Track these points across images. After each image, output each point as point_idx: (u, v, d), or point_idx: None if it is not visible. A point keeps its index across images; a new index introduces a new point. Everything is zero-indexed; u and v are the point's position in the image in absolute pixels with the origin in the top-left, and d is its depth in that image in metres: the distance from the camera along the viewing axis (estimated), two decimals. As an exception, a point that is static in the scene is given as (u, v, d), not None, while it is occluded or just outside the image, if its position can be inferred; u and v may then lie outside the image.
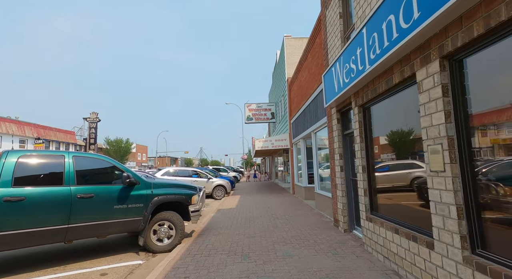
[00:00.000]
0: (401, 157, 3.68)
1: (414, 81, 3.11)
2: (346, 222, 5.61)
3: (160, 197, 4.92)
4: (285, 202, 10.59)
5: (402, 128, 3.60)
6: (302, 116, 10.83)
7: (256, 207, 9.53)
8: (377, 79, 3.91)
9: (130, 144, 49.69)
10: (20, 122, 29.89)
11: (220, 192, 13.53)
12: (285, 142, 14.03)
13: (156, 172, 13.05)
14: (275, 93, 20.71)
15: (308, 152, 11.05)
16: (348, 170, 5.73)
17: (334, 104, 5.74)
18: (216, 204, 10.89)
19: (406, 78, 3.18)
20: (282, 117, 16.63)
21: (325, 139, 8.33)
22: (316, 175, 8.84)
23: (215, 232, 5.95)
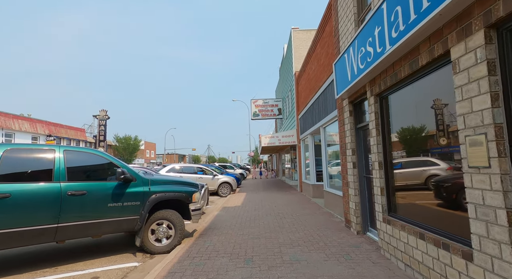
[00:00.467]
0: (425, 152, 3.20)
1: (447, 60, 2.63)
2: (359, 223, 5.16)
3: (158, 194, 4.59)
4: (292, 200, 10.17)
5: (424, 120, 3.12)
6: (310, 111, 10.34)
7: (262, 205, 9.15)
8: (398, 62, 3.43)
9: (138, 141, 50.06)
10: (32, 119, 30.31)
11: (225, 189, 13.22)
12: (292, 138, 13.57)
13: (161, 169, 12.82)
14: (282, 88, 20.21)
15: (316, 149, 10.57)
16: (361, 166, 5.27)
17: (346, 95, 5.27)
18: (221, 202, 10.57)
19: (436, 58, 2.70)
20: (290, 113, 16.15)
21: (334, 135, 7.85)
22: (325, 172, 8.38)
23: (218, 232, 5.59)
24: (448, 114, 2.78)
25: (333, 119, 7.31)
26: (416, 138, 3.38)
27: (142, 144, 53.92)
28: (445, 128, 2.83)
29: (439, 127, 2.93)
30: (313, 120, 9.79)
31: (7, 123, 26.30)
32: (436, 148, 3.02)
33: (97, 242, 5.34)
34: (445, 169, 2.89)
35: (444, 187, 2.92)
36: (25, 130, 28.41)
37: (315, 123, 9.49)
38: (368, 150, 5.15)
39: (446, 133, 2.82)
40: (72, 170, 3.98)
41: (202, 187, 5.93)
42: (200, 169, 13.50)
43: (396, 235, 3.61)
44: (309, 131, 10.48)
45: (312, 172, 10.52)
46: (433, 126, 3.02)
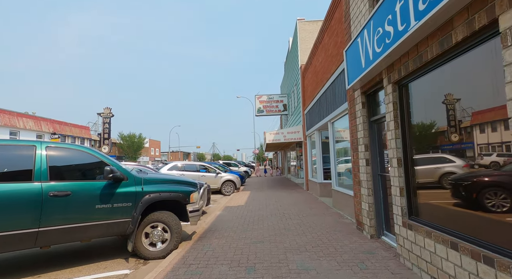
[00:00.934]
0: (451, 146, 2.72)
1: (493, 32, 2.14)
2: (373, 226, 4.69)
3: (152, 194, 4.19)
4: (298, 199, 9.72)
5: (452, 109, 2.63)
6: (317, 105, 9.84)
7: (267, 204, 8.73)
8: (424, 42, 2.94)
9: (143, 139, 50.07)
10: (37, 117, 30.40)
11: (229, 187, 12.83)
12: (298, 134, 13.08)
13: (162, 167, 12.49)
14: (287, 83, 19.67)
15: (323, 145, 10.08)
16: (375, 163, 4.78)
17: (359, 84, 4.78)
18: (224, 201, 10.18)
19: (477, 31, 2.21)
20: (295, 109, 15.64)
21: (343, 131, 7.36)
22: (334, 170, 7.90)
23: (219, 235, 5.19)
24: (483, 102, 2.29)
25: (343, 113, 6.82)
26: (442, 131, 2.89)
27: (147, 141, 53.92)
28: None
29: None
30: (321, 115, 9.29)
31: (11, 122, 26.37)
32: (467, 143, 2.53)
33: (87, 246, 4.98)
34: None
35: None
36: (30, 129, 28.48)
37: (322, 118, 8.99)
38: (383, 145, 4.67)
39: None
40: (55, 169, 3.60)
41: (202, 186, 5.53)
42: (203, 166, 13.13)
43: (420, 242, 3.14)
44: (316, 127, 9.98)
45: (319, 169, 10.04)
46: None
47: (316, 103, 10.05)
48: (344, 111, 6.67)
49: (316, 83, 9.82)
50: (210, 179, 12.64)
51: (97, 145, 42.00)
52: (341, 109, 6.70)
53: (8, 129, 26.16)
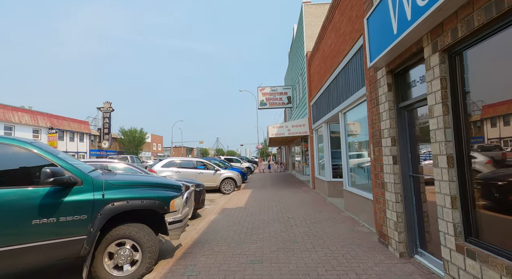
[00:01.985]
0: None
1: None
2: (402, 242, 3.68)
3: (117, 203, 3.22)
4: (304, 199, 8.72)
5: None
6: (325, 95, 8.76)
7: (269, 206, 7.75)
8: (512, -27, 1.87)
9: (144, 134, 49.36)
10: (33, 112, 29.70)
11: (229, 185, 11.88)
12: (303, 128, 12.02)
13: (156, 163, 11.56)
14: (292, 74, 18.53)
15: (332, 140, 9.03)
16: (405, 161, 3.75)
17: (385, 60, 3.72)
18: (222, 201, 9.23)
19: None
20: (300, 101, 14.54)
21: (353, 123, 6.31)
22: (346, 168, 6.85)
23: (208, 249, 4.22)
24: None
25: (358, 100, 5.75)
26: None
27: (148, 136, 53.22)
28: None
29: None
30: (330, 106, 8.22)
31: (6, 116, 25.67)
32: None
33: (36, 270, 4.05)
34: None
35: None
36: (26, 123, 27.80)
37: (331, 109, 7.92)
38: (416, 138, 3.62)
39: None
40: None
41: (188, 189, 4.54)
42: (201, 163, 12.18)
43: (489, 277, 2.12)
44: (324, 119, 8.92)
45: (327, 166, 9.01)
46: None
47: (324, 93, 8.97)
48: (360, 99, 5.60)
49: (324, 70, 8.71)
50: (208, 176, 11.70)
51: (97, 140, 41.40)
52: (357, 96, 5.63)
53: (2, 124, 25.48)
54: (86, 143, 38.50)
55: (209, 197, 10.55)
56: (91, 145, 40.04)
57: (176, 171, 11.26)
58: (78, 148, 36.82)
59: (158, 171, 11.02)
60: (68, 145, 34.80)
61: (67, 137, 34.53)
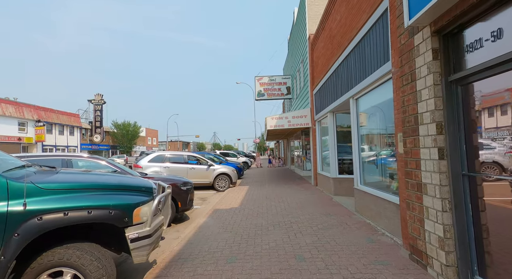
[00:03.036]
0: None
1: None
2: (452, 265, 2.70)
3: (47, 216, 2.18)
4: (307, 198, 7.75)
5: None
6: (331, 80, 7.72)
7: (268, 206, 6.77)
8: None
9: (138, 128, 48.02)
10: (19, 103, 28.24)
11: (223, 182, 10.88)
12: (305, 119, 11.00)
13: (142, 158, 10.49)
14: (292, 62, 17.41)
15: (339, 132, 8.03)
16: (456, 156, 2.75)
17: (431, 16, 2.69)
18: (215, 200, 8.23)
19: None
20: (301, 90, 13.48)
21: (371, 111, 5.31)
22: (358, 163, 5.86)
23: (190, 270, 3.22)
24: None
25: (378, 81, 4.71)
26: None
27: (142, 130, 51.85)
28: None
29: None
30: (337, 92, 7.18)
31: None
32: None
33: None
34: None
35: None
36: (10, 115, 26.39)
37: (340, 95, 6.89)
38: (474, 123, 2.62)
39: None
40: None
41: (163, 190, 3.51)
42: (193, 157, 11.13)
43: None
44: (330, 108, 7.90)
45: (333, 161, 8.03)
46: None
47: (330, 79, 7.92)
48: (380, 79, 4.57)
49: (331, 51, 7.65)
50: (201, 172, 10.68)
51: (89, 133, 40.02)
52: (376, 76, 4.60)
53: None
54: (76, 137, 37.15)
55: (201, 195, 9.56)
56: (82, 138, 38.68)
57: (165, 166, 10.22)
58: (69, 141, 35.49)
59: (145, 166, 9.96)
60: (58, 139, 33.47)
61: (56, 131, 33.15)
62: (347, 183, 7.74)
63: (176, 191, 5.57)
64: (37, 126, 29.61)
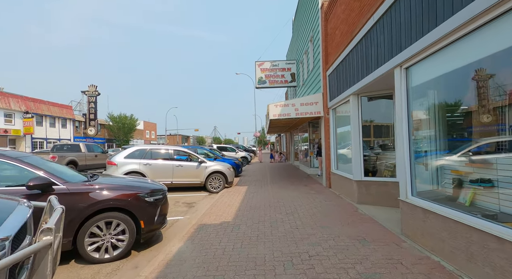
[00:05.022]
0: None
1: None
2: None
3: None
4: (324, 208, 5.91)
5: None
6: (357, 52, 5.78)
7: (272, 221, 4.94)
8: None
9: (134, 120, 46.15)
10: (4, 93, 26.37)
11: (217, 182, 9.06)
12: (315, 106, 9.08)
13: (118, 154, 8.65)
14: (297, 46, 15.38)
15: (369, 115, 6.14)
16: None
17: None
18: (204, 206, 6.41)
19: None
20: (310, 74, 11.52)
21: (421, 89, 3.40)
22: (408, 164, 3.96)
23: None
24: None
25: (462, 29, 2.78)
26: None
27: (139, 123, 49.98)
28: None
29: None
30: (367, 66, 5.26)
31: (-32, 97, 22.38)
32: None
33: None
34: None
35: None
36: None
37: (374, 68, 4.97)
38: None
39: None
40: None
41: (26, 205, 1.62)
42: (182, 152, 9.27)
43: None
44: (353, 90, 6.00)
45: (356, 159, 6.16)
46: None
47: (354, 51, 6.00)
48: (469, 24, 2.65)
49: (358, 11, 5.69)
50: (190, 170, 8.85)
51: (82, 126, 38.24)
52: (459, 20, 2.68)
53: (-36, 107, 22.24)
54: (69, 129, 35.40)
55: (188, 199, 7.74)
56: (76, 131, 36.93)
57: (146, 163, 8.39)
58: (61, 134, 33.75)
59: (120, 163, 8.14)
60: (49, 131, 31.72)
61: (46, 123, 31.37)
62: (375, 188, 5.89)
63: (137, 204, 3.75)
64: (25, 118, 27.80)
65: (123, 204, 3.62)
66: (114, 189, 3.66)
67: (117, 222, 3.57)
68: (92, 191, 3.48)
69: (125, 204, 3.63)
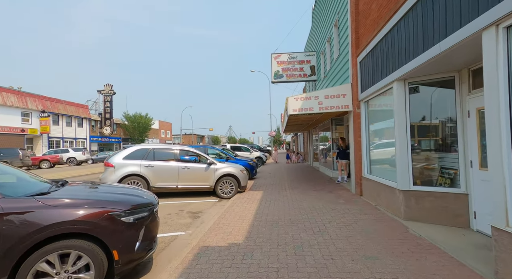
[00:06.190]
0: None
1: None
2: None
3: None
4: (361, 226, 4.61)
5: None
6: (405, 24, 4.43)
7: (296, 246, 3.72)
8: None
9: (149, 120, 46.19)
10: (22, 93, 26.74)
11: (228, 186, 7.94)
12: (343, 99, 7.73)
13: (116, 154, 7.71)
14: (318, 35, 14.00)
15: (417, 111, 4.80)
16: None
17: None
18: (211, 218, 5.28)
19: None
20: (334, 64, 10.15)
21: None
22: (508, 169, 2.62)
23: None
24: None
25: None
26: None
27: (154, 122, 50.06)
28: None
29: None
30: (426, 39, 3.92)
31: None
32: None
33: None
34: None
35: None
36: (11, 105, 24.86)
37: (437, 40, 3.62)
38: None
39: None
40: None
41: None
42: (189, 152, 8.20)
43: None
44: (400, 74, 4.66)
45: (403, 163, 4.81)
46: None
47: (399, 26, 4.66)
48: None
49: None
50: (198, 173, 7.79)
51: (98, 125, 38.55)
52: None
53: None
54: (85, 129, 35.74)
55: (194, 207, 6.65)
56: (92, 130, 37.27)
57: (147, 164, 7.40)
58: (77, 133, 34.11)
59: (119, 164, 7.19)
60: (65, 130, 32.07)
61: (63, 122, 31.71)
62: (430, 201, 4.52)
63: (107, 228, 2.66)
64: (42, 117, 28.14)
65: (86, 227, 2.54)
66: (75, 206, 2.59)
67: (77, 253, 2.49)
68: (42, 210, 2.43)
69: (89, 227, 2.55)
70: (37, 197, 2.53)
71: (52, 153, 23.31)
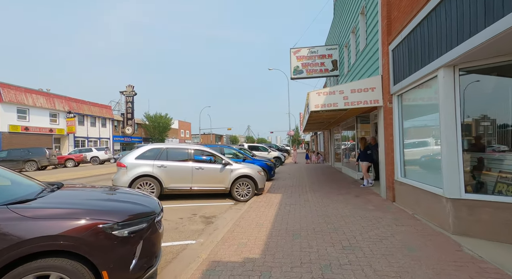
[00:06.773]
0: None
1: None
2: None
3: None
4: (400, 239, 3.88)
5: None
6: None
7: (321, 261, 3.10)
8: None
9: (169, 119, 46.96)
10: (49, 94, 27.98)
11: (245, 188, 7.43)
12: (371, 93, 6.93)
13: (130, 153, 7.44)
14: (341, 27, 13.11)
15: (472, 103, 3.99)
16: None
17: None
18: (226, 224, 4.78)
19: None
20: (359, 56, 9.30)
21: None
22: None
23: None
24: None
25: None
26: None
27: (173, 122, 50.87)
28: None
29: None
30: (489, 12, 3.13)
31: (18, 98, 23.91)
32: None
33: None
34: None
35: None
36: (41, 106, 26.04)
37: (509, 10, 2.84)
38: None
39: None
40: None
41: None
42: (205, 152, 7.77)
43: None
44: (447, 60, 3.88)
45: (452, 167, 4.01)
46: None
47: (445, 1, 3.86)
48: None
49: None
50: (212, 174, 7.34)
51: (121, 125, 39.69)
52: None
53: (15, 107, 23.79)
54: (109, 129, 36.90)
55: (207, 211, 6.18)
56: (115, 130, 38.44)
57: (160, 165, 7.05)
58: (101, 133, 35.28)
59: (131, 165, 6.90)
60: (90, 130, 33.26)
61: (88, 122, 32.89)
62: (488, 213, 3.71)
63: (95, 244, 2.21)
64: (68, 117, 29.30)
65: (70, 243, 2.10)
66: (58, 217, 2.16)
67: (58, 276, 2.06)
68: (16, 222, 2.01)
69: (73, 243, 2.10)
70: (12, 206, 2.12)
71: (77, 152, 24.12)
